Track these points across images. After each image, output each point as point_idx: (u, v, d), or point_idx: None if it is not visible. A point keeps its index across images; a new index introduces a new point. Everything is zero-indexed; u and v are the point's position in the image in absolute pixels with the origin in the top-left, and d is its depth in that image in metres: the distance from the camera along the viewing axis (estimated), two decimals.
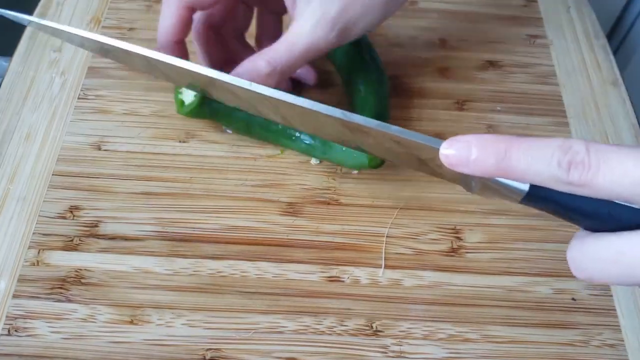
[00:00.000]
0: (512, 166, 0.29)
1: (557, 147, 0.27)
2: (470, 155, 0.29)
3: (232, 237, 0.42)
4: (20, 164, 0.44)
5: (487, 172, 0.29)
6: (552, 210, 0.31)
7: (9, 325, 0.37)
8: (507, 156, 0.29)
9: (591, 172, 0.27)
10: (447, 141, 0.30)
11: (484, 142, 0.29)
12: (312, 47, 0.39)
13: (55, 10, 0.54)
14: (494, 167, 0.29)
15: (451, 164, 0.30)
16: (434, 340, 0.38)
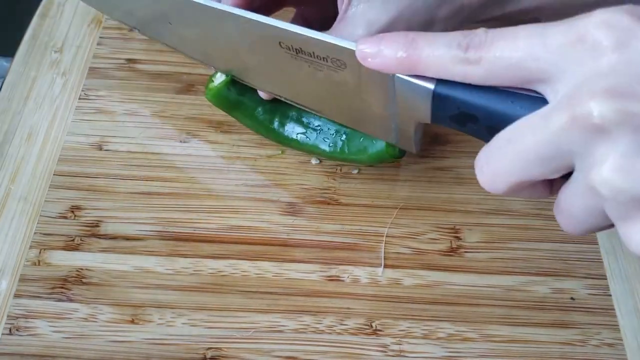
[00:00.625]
0: (417, 54, 0.30)
1: (459, 33, 0.29)
2: (381, 45, 0.31)
3: (233, 237, 0.42)
4: (21, 164, 0.44)
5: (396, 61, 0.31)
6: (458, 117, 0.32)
7: (10, 325, 0.37)
8: (413, 44, 0.30)
9: (485, 47, 0.28)
10: (361, 39, 0.32)
11: (394, 35, 0.31)
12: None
13: (56, 10, 0.54)
14: (402, 55, 0.30)
15: (364, 57, 0.32)
16: (433, 340, 0.39)
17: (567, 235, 0.43)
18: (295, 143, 0.44)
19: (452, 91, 0.30)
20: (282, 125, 0.44)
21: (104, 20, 0.54)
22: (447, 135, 0.48)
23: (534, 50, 0.27)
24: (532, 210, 0.44)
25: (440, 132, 0.48)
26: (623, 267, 0.42)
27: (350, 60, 0.34)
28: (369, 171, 0.45)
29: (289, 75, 0.38)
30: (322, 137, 0.43)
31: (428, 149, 0.47)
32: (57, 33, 0.53)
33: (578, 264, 0.42)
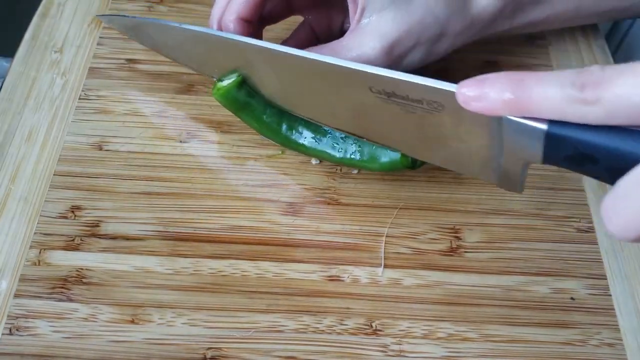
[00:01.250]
0: (527, 95, 0.28)
1: (571, 71, 0.27)
2: (485, 88, 0.30)
3: (233, 237, 0.42)
4: (21, 164, 0.44)
5: (503, 104, 0.29)
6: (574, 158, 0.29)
7: (10, 325, 0.37)
8: (521, 85, 0.29)
9: (603, 86, 0.26)
10: (462, 82, 0.31)
11: (499, 75, 0.30)
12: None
13: (56, 10, 0.54)
14: (510, 97, 0.29)
15: (467, 101, 0.31)
16: (433, 339, 0.39)
17: (567, 235, 0.43)
18: (303, 147, 0.43)
19: (568, 131, 0.28)
20: (290, 128, 0.43)
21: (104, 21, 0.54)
22: None
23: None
24: (532, 210, 0.44)
25: None
26: (623, 267, 0.42)
27: (448, 102, 0.33)
28: (369, 171, 0.45)
29: (377, 117, 0.37)
30: (332, 142, 0.43)
31: None
32: (57, 33, 0.53)
33: (578, 264, 0.42)
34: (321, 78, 0.38)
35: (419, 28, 0.41)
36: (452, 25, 0.42)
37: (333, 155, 0.43)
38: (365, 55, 0.40)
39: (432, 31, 0.41)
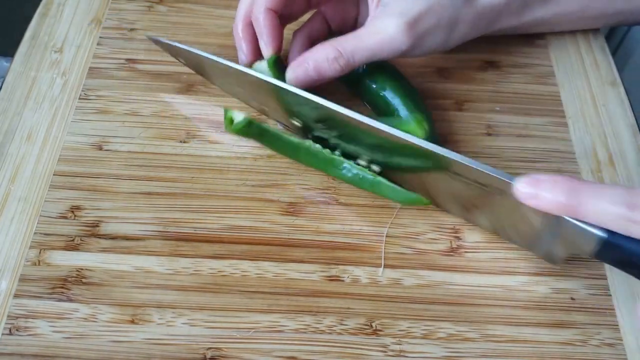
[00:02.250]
0: (580, 203, 0.31)
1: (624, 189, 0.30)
2: (542, 190, 0.33)
3: (233, 237, 0.42)
4: (21, 164, 0.44)
5: (558, 206, 0.32)
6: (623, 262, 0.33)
7: (10, 325, 0.37)
8: (574, 194, 0.31)
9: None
10: (518, 178, 0.34)
11: (556, 180, 0.32)
12: (383, 47, 0.41)
13: (56, 10, 0.54)
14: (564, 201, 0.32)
15: (523, 197, 0.33)
16: (433, 340, 0.39)
17: None
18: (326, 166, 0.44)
19: (623, 242, 0.31)
20: (313, 154, 0.44)
21: (104, 21, 0.54)
22: (446, 135, 0.48)
23: None
24: None
25: (440, 132, 0.48)
26: None
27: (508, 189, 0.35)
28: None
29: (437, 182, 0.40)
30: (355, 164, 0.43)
31: None
32: (57, 33, 0.53)
33: (578, 264, 0.42)
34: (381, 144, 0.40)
35: (437, 7, 0.42)
36: (465, 13, 0.44)
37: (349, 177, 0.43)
38: (389, 36, 0.41)
39: (449, 13, 0.42)
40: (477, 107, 0.50)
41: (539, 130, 0.49)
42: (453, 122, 0.49)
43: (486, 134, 0.49)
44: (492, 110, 0.50)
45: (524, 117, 0.50)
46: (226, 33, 0.54)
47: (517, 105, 0.51)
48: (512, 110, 0.50)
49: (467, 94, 0.51)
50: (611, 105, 0.51)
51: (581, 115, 0.50)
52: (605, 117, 0.50)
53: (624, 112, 0.50)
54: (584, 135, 0.49)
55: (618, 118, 0.50)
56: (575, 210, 0.32)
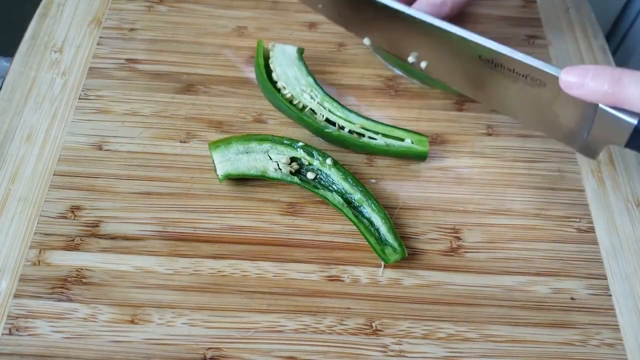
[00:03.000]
0: (623, 90, 0.33)
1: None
2: (587, 79, 0.34)
3: (233, 237, 0.42)
4: (21, 164, 0.44)
5: (600, 94, 0.34)
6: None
7: (10, 325, 0.37)
8: (619, 81, 0.33)
9: None
10: (566, 69, 0.35)
11: (600, 69, 0.34)
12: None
13: (56, 10, 0.54)
14: (607, 89, 0.33)
15: (569, 87, 0.35)
16: (433, 340, 0.39)
17: (567, 235, 0.43)
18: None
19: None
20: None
21: (104, 21, 0.54)
22: (446, 135, 0.48)
23: None
24: (532, 210, 0.44)
25: (440, 132, 0.48)
26: (623, 267, 0.42)
27: (550, 82, 0.38)
28: None
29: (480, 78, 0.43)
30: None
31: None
32: (57, 33, 0.53)
33: (578, 264, 0.42)
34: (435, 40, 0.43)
35: None
36: None
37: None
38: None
39: None
40: (478, 107, 0.50)
41: None
42: (453, 121, 0.49)
43: (486, 134, 0.49)
44: (492, 110, 0.50)
45: None
46: (226, 33, 0.54)
47: None
48: None
49: None
50: None
51: None
52: None
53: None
54: None
55: None
56: (617, 98, 0.34)
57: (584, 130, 0.38)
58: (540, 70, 0.38)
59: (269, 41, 0.48)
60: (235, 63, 0.52)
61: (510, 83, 0.41)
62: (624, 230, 0.44)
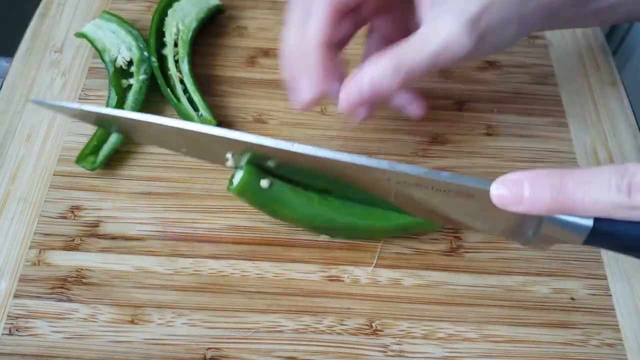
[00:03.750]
0: (569, 198, 0.28)
1: (613, 171, 0.27)
2: (524, 192, 0.29)
3: (233, 237, 0.42)
4: (21, 164, 0.44)
5: (543, 207, 0.29)
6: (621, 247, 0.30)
7: (10, 325, 0.37)
8: (562, 188, 0.28)
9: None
10: (496, 181, 0.30)
11: (536, 177, 0.29)
12: (445, 51, 0.35)
13: (56, 10, 0.54)
14: (550, 200, 0.28)
15: (504, 204, 0.29)
16: (433, 340, 0.39)
17: None
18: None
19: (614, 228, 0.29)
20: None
21: None
22: (446, 135, 0.48)
23: None
24: None
25: (440, 132, 0.48)
26: (623, 267, 0.42)
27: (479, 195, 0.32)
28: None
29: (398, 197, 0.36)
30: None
31: (428, 149, 0.47)
32: (57, 33, 0.53)
33: (578, 264, 0.42)
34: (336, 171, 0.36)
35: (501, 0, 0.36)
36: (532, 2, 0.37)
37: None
38: (449, 38, 0.35)
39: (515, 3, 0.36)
40: (478, 107, 0.50)
41: (539, 130, 0.49)
42: (453, 122, 0.49)
43: (486, 134, 0.49)
44: (492, 111, 0.50)
45: (524, 117, 0.50)
46: (226, 33, 0.54)
47: (518, 105, 0.50)
48: (512, 110, 0.50)
49: (467, 94, 0.51)
50: (611, 105, 0.51)
51: (581, 115, 0.50)
52: (605, 117, 0.50)
53: (624, 112, 0.50)
54: (584, 135, 0.49)
55: (618, 118, 0.50)
56: (563, 207, 0.29)
57: (528, 231, 0.33)
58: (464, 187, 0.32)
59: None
60: (235, 63, 0.52)
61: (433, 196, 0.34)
62: None
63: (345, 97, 0.37)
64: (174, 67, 0.48)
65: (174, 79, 0.48)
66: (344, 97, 0.37)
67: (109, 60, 0.48)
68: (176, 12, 0.50)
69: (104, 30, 0.49)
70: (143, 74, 0.47)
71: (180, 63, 0.48)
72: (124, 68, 0.48)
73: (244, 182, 0.38)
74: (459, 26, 0.35)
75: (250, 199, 0.39)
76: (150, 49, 0.48)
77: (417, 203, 0.36)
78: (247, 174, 0.38)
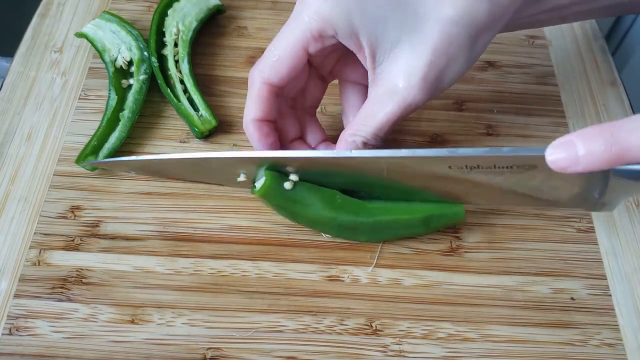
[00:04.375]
0: (624, 145, 0.28)
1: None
2: (578, 151, 0.29)
3: (233, 237, 0.42)
4: (21, 164, 0.44)
5: (601, 161, 0.28)
6: None
7: (10, 325, 0.37)
8: (615, 137, 0.28)
9: None
10: (549, 146, 0.30)
11: (587, 134, 0.29)
12: (403, 108, 0.36)
13: (56, 10, 0.54)
14: (607, 153, 0.28)
15: (562, 167, 0.29)
16: (433, 340, 0.39)
17: (567, 235, 0.43)
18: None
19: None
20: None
21: None
22: (446, 135, 0.48)
23: None
24: (532, 210, 0.44)
25: (440, 132, 0.48)
26: (623, 267, 0.42)
27: (540, 163, 0.32)
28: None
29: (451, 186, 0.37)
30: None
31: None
32: (57, 33, 0.53)
33: (578, 264, 0.42)
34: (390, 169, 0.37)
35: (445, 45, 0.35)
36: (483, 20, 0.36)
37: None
38: (403, 98, 0.36)
39: (463, 39, 0.36)
40: (477, 107, 0.50)
41: (539, 130, 0.49)
42: (453, 122, 0.49)
43: (486, 134, 0.49)
44: (492, 110, 0.50)
45: (524, 117, 0.50)
46: (226, 33, 0.54)
47: (517, 105, 0.51)
48: (512, 110, 0.50)
49: (467, 94, 0.51)
50: (611, 105, 0.51)
51: (581, 115, 0.50)
52: (606, 117, 0.50)
53: (624, 112, 0.50)
54: None
55: (618, 118, 0.50)
56: (621, 157, 0.28)
57: (594, 192, 0.34)
58: (521, 157, 0.32)
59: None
60: (235, 63, 0.52)
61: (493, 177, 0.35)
62: (624, 231, 0.44)
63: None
64: (174, 67, 0.48)
65: (174, 79, 0.48)
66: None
67: (109, 60, 0.48)
68: (176, 12, 0.50)
69: (104, 30, 0.49)
70: (143, 74, 0.47)
71: (180, 63, 0.48)
72: (124, 68, 0.48)
73: (268, 185, 0.38)
74: (413, 83, 0.36)
75: (273, 201, 0.39)
76: (150, 49, 0.48)
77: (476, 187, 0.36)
78: (269, 178, 0.38)
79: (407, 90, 0.36)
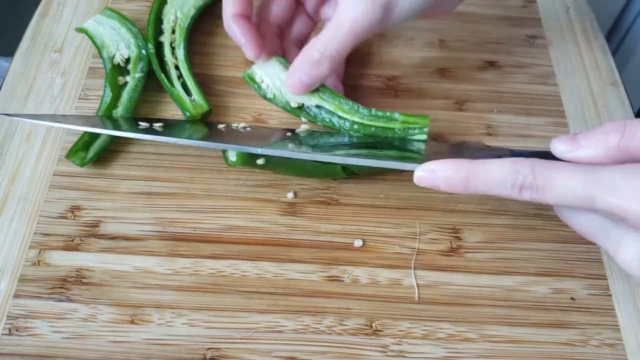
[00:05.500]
0: (476, 189, 0.34)
1: (509, 172, 0.33)
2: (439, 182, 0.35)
3: (233, 237, 0.42)
4: (21, 164, 0.44)
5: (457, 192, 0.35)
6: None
7: (10, 325, 0.37)
8: (469, 185, 0.34)
9: (539, 193, 0.33)
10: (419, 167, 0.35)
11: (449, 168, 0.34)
12: (357, 26, 0.40)
13: (56, 10, 0.54)
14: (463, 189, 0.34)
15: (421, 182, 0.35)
16: (433, 340, 0.39)
17: (567, 235, 0.43)
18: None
19: None
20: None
21: None
22: (446, 135, 0.48)
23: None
24: (532, 210, 0.44)
25: (440, 132, 0.48)
26: None
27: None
28: (370, 171, 0.45)
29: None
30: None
31: None
32: (57, 33, 0.53)
33: (578, 264, 0.42)
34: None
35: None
36: None
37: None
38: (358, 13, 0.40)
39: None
40: (477, 107, 0.50)
41: (539, 130, 0.49)
42: (453, 122, 0.49)
43: (486, 134, 0.49)
44: (492, 111, 0.50)
45: (524, 117, 0.50)
46: (225, 32, 0.54)
47: (517, 105, 0.51)
48: (512, 110, 0.50)
49: (467, 94, 0.51)
50: (611, 105, 0.51)
51: (581, 115, 0.50)
52: (606, 117, 0.50)
53: (624, 112, 0.50)
54: None
55: (618, 118, 0.50)
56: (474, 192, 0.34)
57: None
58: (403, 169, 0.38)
59: None
60: (235, 63, 0.52)
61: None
62: None
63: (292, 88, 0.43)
64: (170, 53, 0.48)
65: (169, 65, 0.48)
66: (290, 88, 0.43)
67: (107, 57, 0.48)
68: (175, 1, 0.51)
69: (104, 26, 0.49)
70: (139, 72, 0.47)
71: (176, 49, 0.49)
72: (122, 65, 0.48)
73: (240, 163, 0.42)
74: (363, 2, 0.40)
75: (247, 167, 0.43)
76: (148, 35, 0.49)
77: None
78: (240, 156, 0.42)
79: (358, 9, 0.40)
